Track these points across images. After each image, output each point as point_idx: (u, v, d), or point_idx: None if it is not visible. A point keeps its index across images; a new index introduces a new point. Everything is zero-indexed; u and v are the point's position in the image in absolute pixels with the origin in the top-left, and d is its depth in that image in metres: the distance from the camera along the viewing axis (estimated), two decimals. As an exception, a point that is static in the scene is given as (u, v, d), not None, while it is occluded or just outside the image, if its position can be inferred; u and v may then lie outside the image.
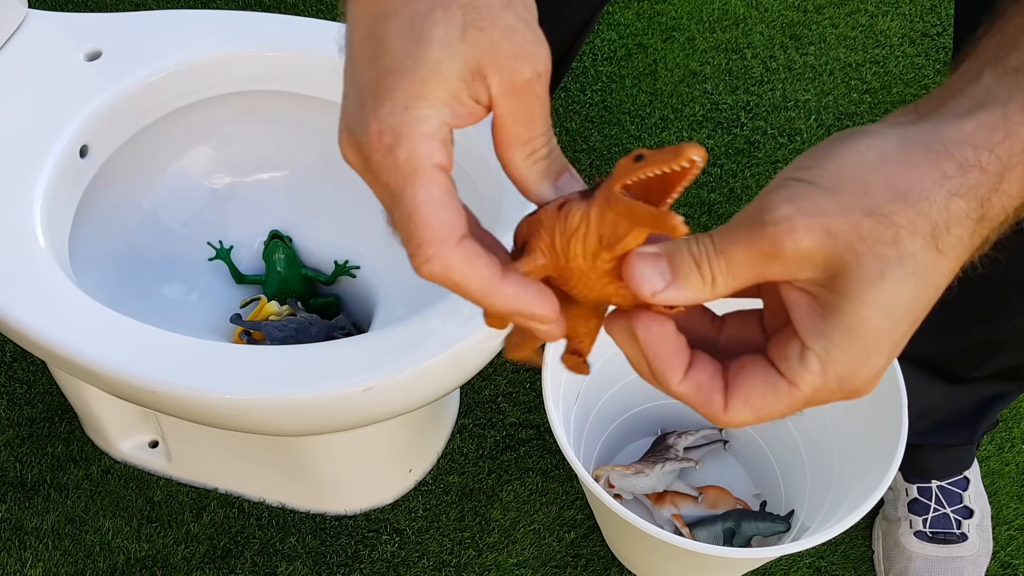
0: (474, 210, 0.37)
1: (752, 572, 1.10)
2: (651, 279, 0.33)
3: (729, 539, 1.06)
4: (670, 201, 0.31)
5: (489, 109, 0.34)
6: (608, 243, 0.33)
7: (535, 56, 0.33)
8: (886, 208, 0.31)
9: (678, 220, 0.31)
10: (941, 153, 0.31)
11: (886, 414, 0.90)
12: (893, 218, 0.31)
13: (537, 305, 0.34)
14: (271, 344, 1.02)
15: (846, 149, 0.32)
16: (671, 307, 0.34)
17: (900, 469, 1.09)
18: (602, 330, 0.38)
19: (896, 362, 0.91)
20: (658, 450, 1.13)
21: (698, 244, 0.33)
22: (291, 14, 1.02)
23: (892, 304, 0.31)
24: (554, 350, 0.91)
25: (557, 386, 0.93)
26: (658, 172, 0.31)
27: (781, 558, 1.12)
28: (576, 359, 0.39)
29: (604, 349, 0.44)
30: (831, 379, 0.32)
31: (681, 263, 0.33)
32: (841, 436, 0.98)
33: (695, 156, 0.30)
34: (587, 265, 0.34)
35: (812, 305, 0.32)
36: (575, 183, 0.35)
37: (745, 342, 0.37)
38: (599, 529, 1.13)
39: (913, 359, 0.97)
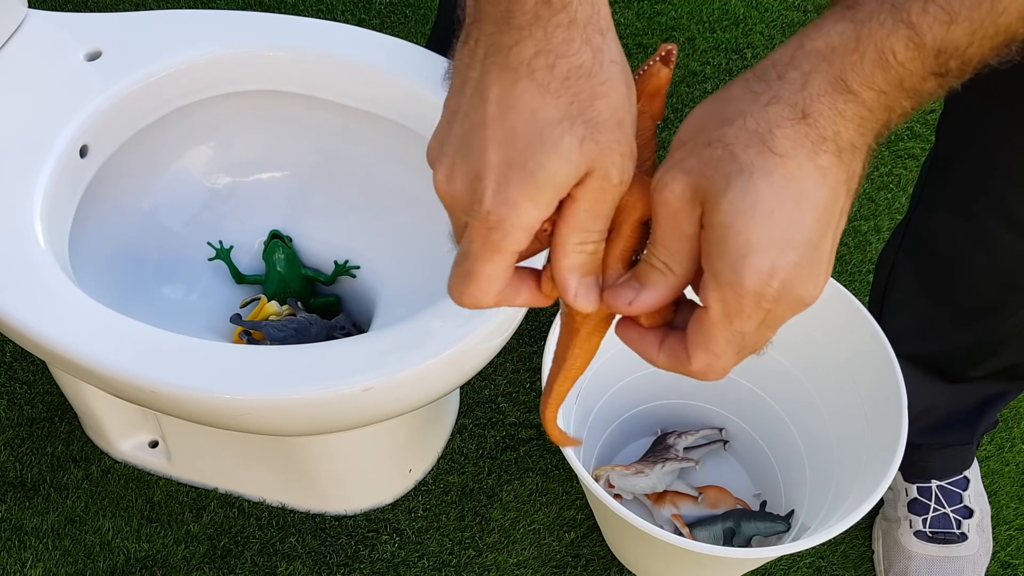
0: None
1: (752, 572, 1.10)
2: (623, 295, 0.40)
3: (729, 539, 1.06)
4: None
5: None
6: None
7: (625, 168, 0.38)
8: (715, 135, 0.37)
9: (659, 65, 0.41)
10: (749, 80, 0.37)
11: (886, 414, 0.90)
12: (723, 140, 0.36)
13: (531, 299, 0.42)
14: (271, 344, 1.02)
15: (693, 111, 0.39)
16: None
17: (900, 469, 1.09)
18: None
19: (896, 362, 0.91)
20: (658, 450, 1.13)
21: (642, 252, 0.40)
22: (291, 14, 1.02)
23: (749, 207, 0.35)
24: (551, 349, 0.91)
25: (557, 386, 0.93)
26: (646, 66, 0.41)
27: (781, 558, 1.12)
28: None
29: (604, 349, 0.45)
30: (726, 289, 0.36)
31: (641, 271, 0.40)
32: (841, 436, 0.98)
33: (668, 46, 0.40)
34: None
35: (704, 237, 0.37)
36: (592, 289, 0.40)
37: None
38: (599, 529, 1.13)
39: (913, 358, 0.97)
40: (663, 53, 0.40)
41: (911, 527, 1.10)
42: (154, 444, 1.16)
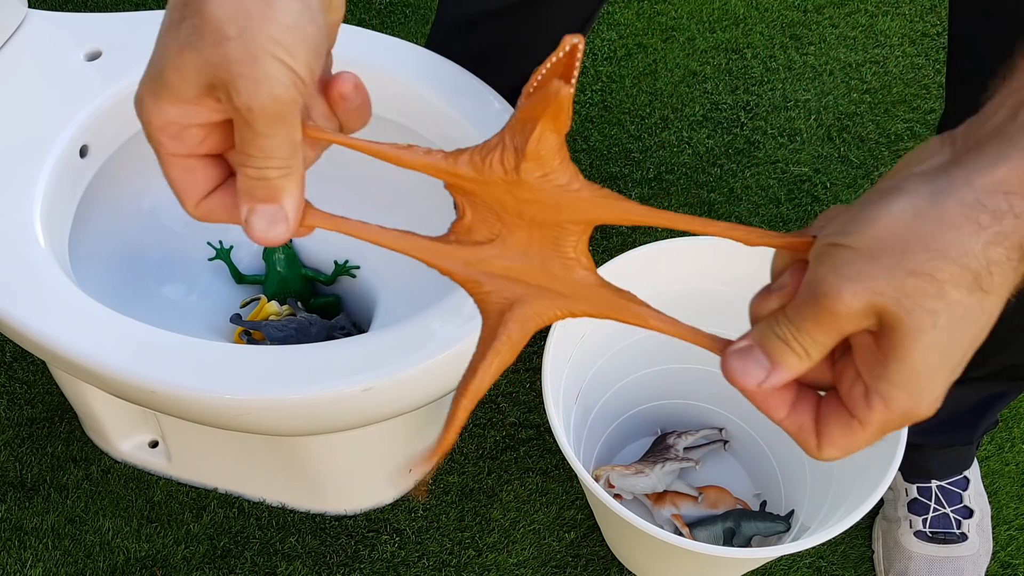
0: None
1: (752, 572, 1.10)
2: (753, 372, 0.36)
3: (729, 539, 1.06)
4: (570, 84, 0.34)
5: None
6: (522, 149, 0.36)
7: (251, 92, 0.35)
8: (928, 266, 0.33)
9: (557, 84, 0.33)
10: (974, 206, 0.33)
11: (886, 414, 0.90)
12: (936, 275, 0.33)
13: (230, 213, 0.40)
14: (271, 344, 1.02)
15: (881, 213, 0.34)
16: None
17: (900, 469, 1.09)
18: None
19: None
20: (658, 450, 1.13)
21: (779, 325, 0.36)
22: (291, 14, 1.02)
23: (945, 346, 0.34)
24: (553, 351, 0.91)
25: (557, 386, 0.93)
26: (548, 66, 0.34)
27: (781, 558, 1.12)
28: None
29: (604, 349, 0.44)
30: (895, 414, 0.35)
31: (774, 348, 0.36)
32: (841, 436, 0.98)
33: (573, 40, 0.34)
34: (511, 177, 0.36)
35: (872, 348, 0.35)
36: (268, 219, 0.39)
37: (816, 378, 0.39)
38: (599, 529, 1.13)
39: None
40: (563, 52, 0.34)
41: (911, 527, 1.10)
42: (154, 444, 1.16)
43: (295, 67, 0.36)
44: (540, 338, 1.29)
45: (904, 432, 0.87)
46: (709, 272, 0.98)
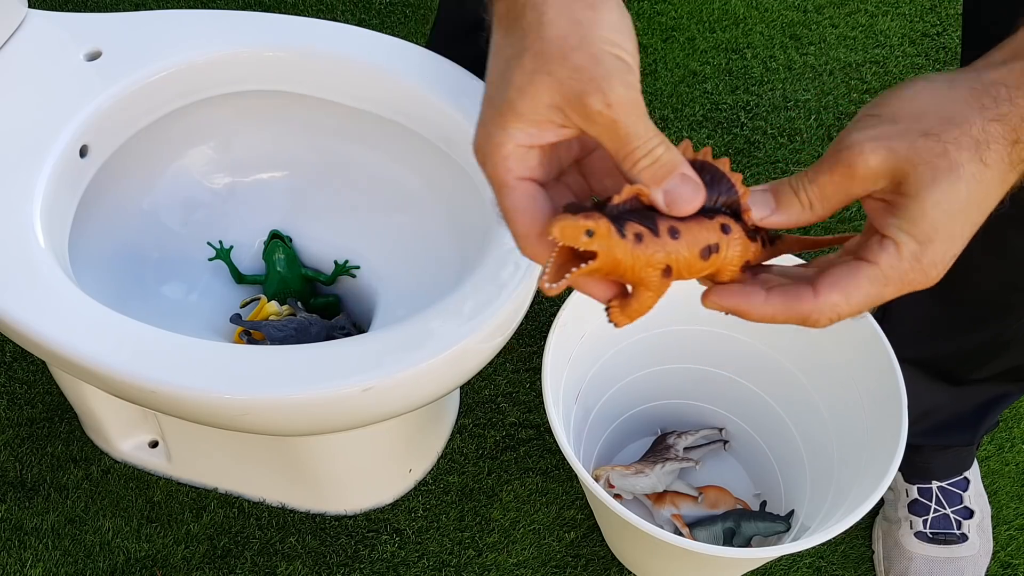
0: (475, 207, 0.43)
1: (752, 572, 1.10)
2: (759, 208, 0.43)
3: (729, 539, 1.06)
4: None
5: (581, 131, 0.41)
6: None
7: (604, 89, 0.39)
8: (936, 129, 0.40)
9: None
10: (979, 90, 0.40)
11: (886, 414, 0.90)
12: (941, 136, 0.39)
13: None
14: (271, 344, 1.02)
15: (905, 91, 0.42)
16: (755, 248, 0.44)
17: (900, 470, 1.09)
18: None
19: (897, 363, 0.91)
20: (658, 450, 1.13)
21: (796, 178, 0.43)
22: (291, 14, 1.02)
23: (946, 202, 0.40)
24: (553, 351, 0.91)
25: (557, 386, 0.93)
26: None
27: (781, 558, 1.12)
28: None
29: (604, 349, 0.45)
30: (904, 257, 0.41)
31: (783, 193, 0.43)
32: (841, 436, 0.98)
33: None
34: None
35: (886, 207, 0.41)
36: (685, 184, 0.41)
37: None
38: (599, 529, 1.13)
39: (914, 360, 0.97)
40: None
41: (911, 528, 1.10)
42: (154, 444, 1.16)
43: (626, 58, 0.40)
44: (540, 338, 1.29)
45: (904, 432, 0.87)
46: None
